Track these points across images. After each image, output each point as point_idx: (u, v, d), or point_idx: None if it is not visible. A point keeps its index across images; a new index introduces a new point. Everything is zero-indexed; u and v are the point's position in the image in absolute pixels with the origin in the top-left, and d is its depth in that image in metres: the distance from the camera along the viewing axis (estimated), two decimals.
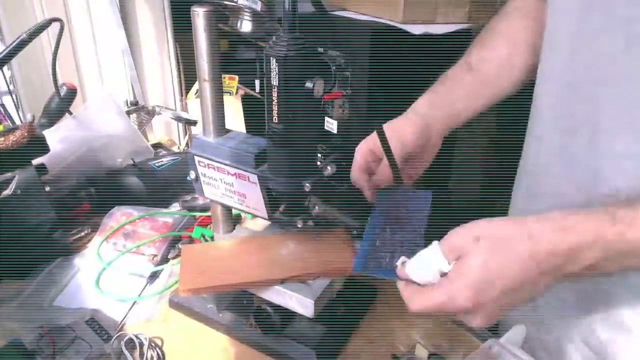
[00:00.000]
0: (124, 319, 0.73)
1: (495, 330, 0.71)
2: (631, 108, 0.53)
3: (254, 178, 0.59)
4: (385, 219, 0.60)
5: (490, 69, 0.72)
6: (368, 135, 0.68)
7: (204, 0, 0.56)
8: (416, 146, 0.66)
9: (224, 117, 0.62)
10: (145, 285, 0.80)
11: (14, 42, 0.78)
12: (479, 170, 2.19)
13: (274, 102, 0.51)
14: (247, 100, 1.46)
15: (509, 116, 1.20)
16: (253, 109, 1.41)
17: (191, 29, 0.57)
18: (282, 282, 0.61)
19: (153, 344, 0.68)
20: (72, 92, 1.09)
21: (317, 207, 0.62)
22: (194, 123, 1.28)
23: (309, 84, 0.49)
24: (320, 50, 0.49)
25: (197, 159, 0.63)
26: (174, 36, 1.49)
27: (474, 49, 0.74)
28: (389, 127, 0.65)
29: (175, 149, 1.39)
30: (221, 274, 0.62)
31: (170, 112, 1.32)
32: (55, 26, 0.82)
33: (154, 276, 0.82)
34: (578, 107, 0.58)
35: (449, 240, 0.49)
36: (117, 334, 0.68)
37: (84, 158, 1.05)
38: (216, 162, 0.61)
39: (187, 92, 1.54)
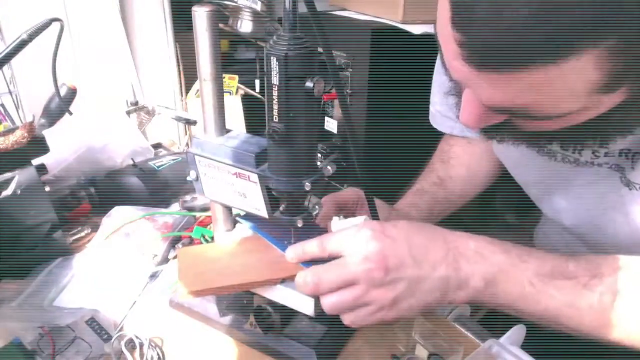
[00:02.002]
0: (124, 319, 0.73)
1: (496, 330, 0.71)
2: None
3: (255, 177, 0.59)
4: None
5: (456, 185, 0.87)
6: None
7: (204, 0, 0.56)
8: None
9: (224, 117, 0.62)
10: (145, 285, 0.80)
11: (14, 42, 0.78)
12: None
13: (274, 102, 0.51)
14: (247, 100, 1.46)
15: None
16: (253, 109, 1.41)
17: (191, 29, 0.57)
18: (282, 281, 0.61)
19: (153, 344, 0.68)
20: (72, 92, 1.09)
21: (317, 208, 0.62)
22: (194, 123, 1.28)
23: (309, 84, 0.49)
24: (320, 50, 0.49)
25: (197, 158, 0.63)
26: (174, 36, 1.49)
27: (438, 164, 0.88)
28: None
29: (175, 149, 1.39)
30: (221, 275, 0.62)
31: (170, 112, 1.32)
32: (55, 26, 0.82)
33: (154, 276, 0.82)
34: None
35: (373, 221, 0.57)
36: (117, 334, 0.68)
37: (84, 158, 1.06)
38: (216, 161, 0.61)
39: (187, 92, 1.55)
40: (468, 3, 0.39)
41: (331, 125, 1.57)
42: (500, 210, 1.88)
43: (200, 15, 0.55)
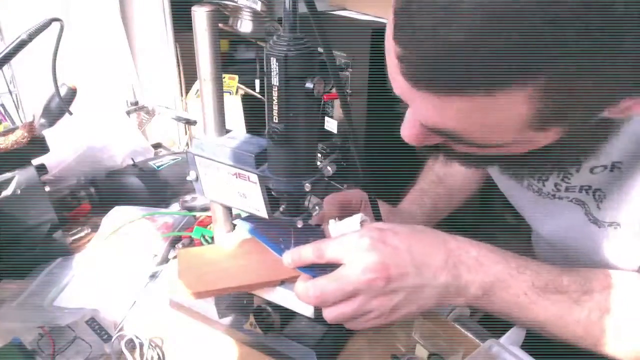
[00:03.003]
0: (124, 319, 0.73)
1: (496, 330, 0.71)
2: None
3: (254, 178, 0.59)
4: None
5: (456, 181, 0.88)
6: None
7: (204, 0, 0.56)
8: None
9: (224, 117, 0.62)
10: (145, 285, 0.80)
11: (14, 42, 0.78)
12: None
13: (274, 102, 0.51)
14: (247, 100, 1.46)
15: None
16: (253, 109, 1.41)
17: (191, 29, 0.57)
18: (281, 283, 0.61)
19: (153, 344, 0.68)
20: (72, 92, 1.09)
21: (317, 208, 0.62)
22: (194, 123, 1.28)
23: (309, 84, 0.49)
24: (320, 50, 0.49)
25: (197, 159, 0.63)
26: (174, 36, 1.48)
27: (436, 163, 0.88)
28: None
29: (175, 149, 1.39)
30: (221, 277, 0.62)
31: (170, 112, 1.32)
32: (55, 26, 0.82)
33: (154, 276, 0.82)
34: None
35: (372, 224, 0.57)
36: (117, 334, 0.68)
37: (84, 158, 1.06)
38: (216, 162, 0.61)
39: (187, 92, 1.54)
40: (409, 16, 0.38)
41: (331, 125, 1.57)
42: (500, 210, 1.88)
43: (200, 15, 0.55)
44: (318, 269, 0.55)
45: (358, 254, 0.52)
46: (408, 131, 0.49)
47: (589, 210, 0.59)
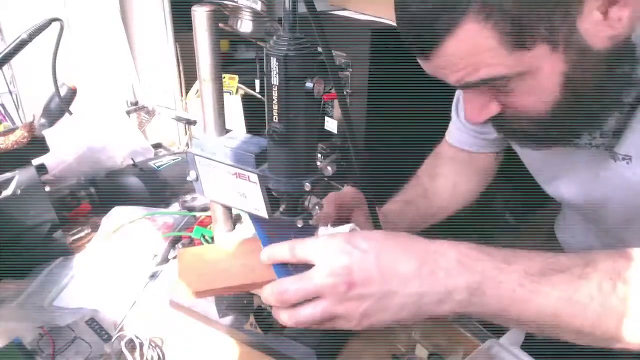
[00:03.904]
0: (124, 319, 0.73)
1: (496, 330, 0.71)
2: None
3: (254, 178, 0.59)
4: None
5: (442, 200, 0.89)
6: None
7: (204, 0, 0.56)
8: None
9: (224, 117, 0.62)
10: (145, 285, 0.80)
11: (14, 42, 0.78)
12: None
13: (274, 102, 0.51)
14: (247, 100, 1.46)
15: None
16: (253, 109, 1.41)
17: (191, 29, 0.57)
18: None
19: (153, 344, 0.68)
20: (72, 92, 1.09)
21: (317, 208, 0.62)
22: (194, 123, 1.28)
23: (309, 84, 0.49)
24: (320, 50, 0.49)
25: (197, 158, 0.63)
26: (174, 36, 1.49)
27: (425, 178, 0.91)
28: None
29: (175, 149, 1.39)
30: (221, 276, 0.62)
31: (170, 112, 1.32)
32: (55, 26, 0.82)
33: (154, 276, 0.82)
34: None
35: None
36: (117, 334, 0.68)
37: (84, 158, 1.06)
38: (216, 161, 0.61)
39: (187, 92, 1.54)
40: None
41: (331, 125, 1.57)
42: (500, 210, 1.88)
43: (200, 15, 0.55)
44: (293, 270, 0.54)
45: (325, 256, 0.51)
46: (468, 111, 0.61)
47: (612, 151, 0.62)
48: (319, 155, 0.63)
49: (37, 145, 0.85)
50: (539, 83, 0.54)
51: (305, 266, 0.53)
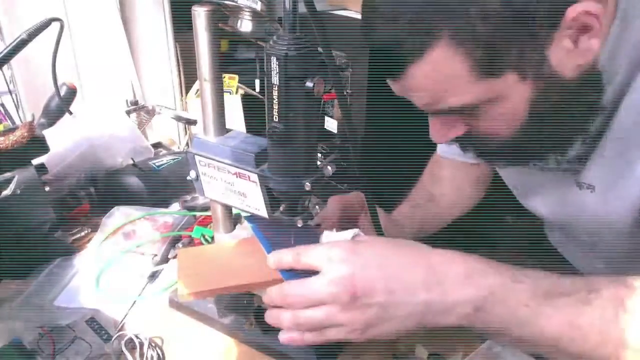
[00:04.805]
0: (124, 319, 0.73)
1: None
2: None
3: (255, 177, 0.59)
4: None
5: (446, 203, 0.90)
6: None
7: (204, 0, 0.56)
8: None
9: (224, 116, 0.62)
10: (145, 285, 0.80)
11: (14, 42, 0.78)
12: None
13: (274, 102, 0.51)
14: (247, 100, 1.46)
15: None
16: (253, 109, 1.41)
17: (191, 29, 0.57)
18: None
19: (153, 344, 0.67)
20: (72, 92, 1.09)
21: (317, 208, 0.62)
22: (194, 123, 1.28)
23: (309, 84, 0.49)
24: (320, 50, 0.49)
25: (197, 158, 0.63)
26: (174, 36, 1.49)
27: (429, 183, 0.92)
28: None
29: (175, 148, 1.39)
30: (221, 276, 0.62)
31: (170, 112, 1.32)
32: (55, 26, 0.82)
33: (154, 276, 0.82)
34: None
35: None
36: (117, 334, 0.68)
37: (84, 158, 1.05)
38: (216, 161, 0.61)
39: (187, 92, 1.55)
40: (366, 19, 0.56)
41: (331, 125, 1.57)
42: (500, 210, 1.88)
43: (200, 15, 0.55)
44: (301, 275, 0.54)
45: (329, 264, 0.51)
46: (432, 131, 0.61)
47: (577, 177, 0.64)
48: (319, 155, 0.63)
49: (37, 145, 0.85)
50: (505, 109, 0.54)
51: (310, 272, 0.53)
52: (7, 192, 0.80)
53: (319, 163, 0.58)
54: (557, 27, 0.49)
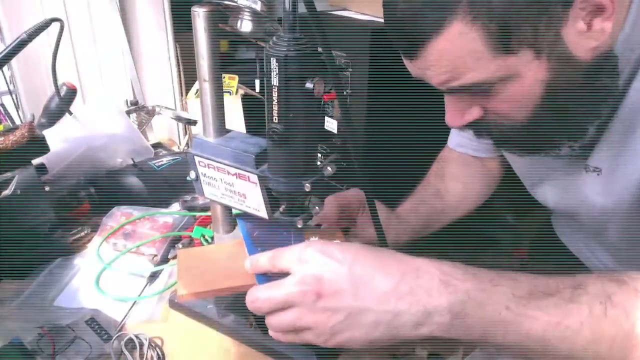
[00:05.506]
0: (124, 319, 0.73)
1: None
2: None
3: (254, 178, 0.59)
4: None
5: (452, 199, 0.89)
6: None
7: (204, 0, 0.56)
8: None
9: (224, 117, 0.62)
10: (145, 285, 0.80)
11: (14, 42, 0.78)
12: None
13: (274, 102, 0.51)
14: (247, 100, 1.46)
15: None
16: (253, 109, 1.41)
17: (191, 29, 0.57)
18: None
19: (153, 344, 0.67)
20: (72, 92, 1.09)
21: (317, 208, 0.62)
22: (194, 123, 1.28)
23: (309, 84, 0.49)
24: (320, 50, 0.49)
25: (197, 158, 0.63)
26: (174, 36, 1.49)
27: (435, 178, 0.91)
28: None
29: (175, 149, 1.39)
30: (221, 277, 0.62)
31: (170, 112, 1.32)
32: (55, 26, 0.82)
33: (154, 276, 0.82)
34: None
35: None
36: (117, 334, 0.68)
37: (84, 158, 1.05)
38: (216, 162, 0.61)
39: (187, 92, 1.55)
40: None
41: (331, 125, 1.57)
42: (500, 210, 1.88)
43: (200, 15, 0.55)
44: (275, 278, 0.53)
45: (299, 264, 0.50)
46: (448, 116, 0.61)
47: (584, 158, 0.64)
48: (319, 155, 0.63)
49: (37, 145, 0.85)
50: (520, 89, 0.54)
51: (287, 274, 0.52)
52: (7, 192, 0.80)
53: (319, 163, 0.58)
54: (571, 4, 0.49)
